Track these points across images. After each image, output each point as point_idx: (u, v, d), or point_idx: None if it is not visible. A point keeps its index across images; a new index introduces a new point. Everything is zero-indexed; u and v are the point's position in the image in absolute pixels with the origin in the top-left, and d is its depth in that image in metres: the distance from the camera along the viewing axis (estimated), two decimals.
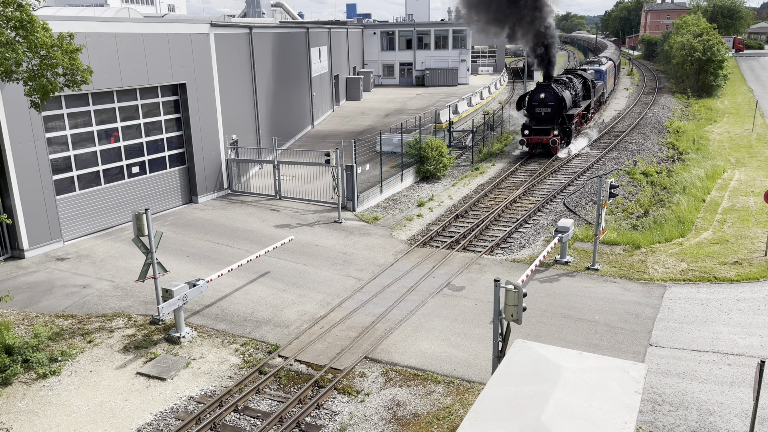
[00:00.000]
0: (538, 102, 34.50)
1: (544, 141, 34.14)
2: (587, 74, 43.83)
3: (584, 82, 41.60)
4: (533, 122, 34.72)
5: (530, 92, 35.41)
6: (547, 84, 34.99)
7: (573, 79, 39.26)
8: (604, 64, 54.66)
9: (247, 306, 16.62)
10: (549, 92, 34.26)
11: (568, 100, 35.12)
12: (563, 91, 34.95)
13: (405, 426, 11.71)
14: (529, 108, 35.04)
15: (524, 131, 34.71)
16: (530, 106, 34.86)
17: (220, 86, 26.56)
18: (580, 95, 39.70)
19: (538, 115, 34.51)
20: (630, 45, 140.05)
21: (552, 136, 34.01)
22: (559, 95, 34.14)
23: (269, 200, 26.41)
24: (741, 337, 14.42)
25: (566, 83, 37.28)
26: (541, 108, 34.44)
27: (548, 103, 34.17)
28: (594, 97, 44.29)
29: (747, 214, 23.52)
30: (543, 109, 34.36)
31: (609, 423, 7.57)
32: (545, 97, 34.28)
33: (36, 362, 13.51)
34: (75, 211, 21.49)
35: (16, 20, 12.92)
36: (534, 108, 34.68)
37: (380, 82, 76.67)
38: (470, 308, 16.27)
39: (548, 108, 34.17)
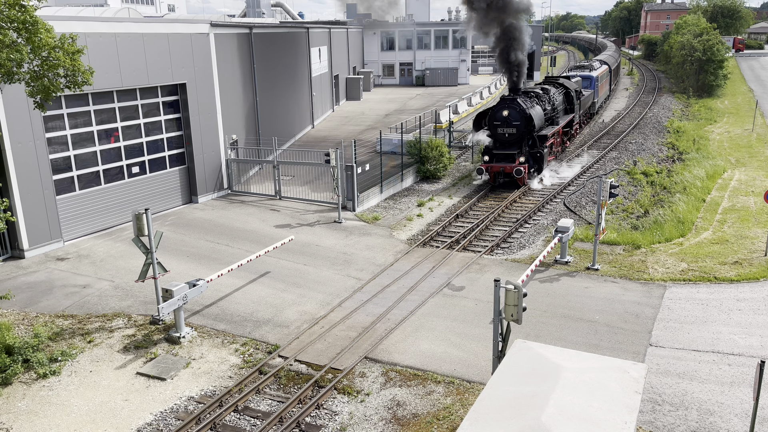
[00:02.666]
0: (500, 121, 27.89)
1: (507, 170, 27.56)
2: (571, 83, 37.34)
3: (566, 93, 35.64)
4: (497, 145, 28.53)
5: (492, 108, 28.76)
6: (512, 98, 28.30)
7: (550, 91, 33.01)
8: (596, 68, 48.64)
9: (247, 306, 16.62)
10: (514, 109, 27.72)
11: (537, 118, 28.64)
12: (532, 107, 28.55)
13: (405, 426, 11.71)
14: (491, 128, 28.54)
15: (485, 156, 28.45)
16: (492, 126, 28.36)
17: (220, 86, 26.56)
18: (559, 109, 33.64)
19: (501, 137, 28.16)
20: (630, 45, 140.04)
21: (517, 164, 27.68)
22: (527, 113, 27.70)
23: (269, 200, 26.41)
24: (741, 337, 14.42)
25: (539, 96, 31.07)
26: (504, 128, 27.91)
27: (513, 123, 27.67)
28: (580, 110, 38.70)
29: (747, 214, 23.52)
30: (506, 129, 27.86)
31: (609, 423, 7.57)
32: (509, 115, 27.70)
33: (36, 362, 13.51)
34: (75, 211, 21.49)
35: (19, 22, 12.92)
36: (496, 128, 28.15)
37: (380, 82, 76.68)
38: (470, 308, 16.27)
39: (513, 128, 27.70)
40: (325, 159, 24.55)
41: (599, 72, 47.78)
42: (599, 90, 47.78)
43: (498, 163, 28.21)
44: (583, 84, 42.50)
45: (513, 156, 28.00)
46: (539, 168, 29.16)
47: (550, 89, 32.97)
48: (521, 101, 28.05)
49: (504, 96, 29.15)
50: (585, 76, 44.02)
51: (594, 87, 44.55)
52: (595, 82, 44.84)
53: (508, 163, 28.00)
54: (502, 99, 28.70)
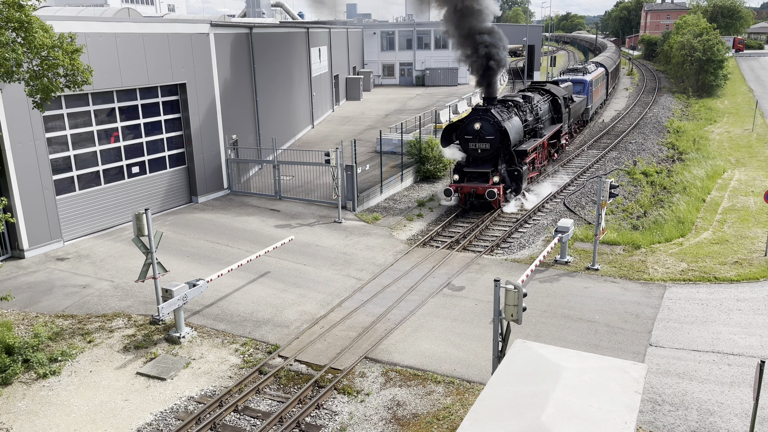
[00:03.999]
0: (472, 135, 24.62)
1: (479, 191, 24.14)
2: (559, 89, 33.91)
3: (553, 101, 32.30)
4: (469, 161, 25.38)
5: (463, 120, 25.36)
6: (485, 109, 24.82)
7: (533, 99, 29.77)
8: (591, 72, 45.53)
9: (247, 306, 16.62)
10: (487, 121, 24.33)
11: (515, 131, 25.37)
12: (508, 119, 25.29)
13: (405, 426, 11.71)
14: (462, 143, 25.24)
15: (455, 175, 25.14)
16: (463, 141, 25.06)
17: (220, 86, 26.57)
18: (544, 119, 30.41)
19: (473, 153, 24.98)
20: (630, 45, 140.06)
21: (490, 185, 24.19)
22: (501, 126, 24.32)
23: (269, 200, 26.41)
24: (741, 337, 14.42)
25: (518, 105, 27.66)
26: (476, 143, 24.65)
27: (486, 137, 24.41)
28: (570, 119, 35.30)
29: (747, 214, 23.52)
30: (479, 144, 24.59)
31: (609, 423, 7.57)
32: (482, 128, 24.36)
33: (36, 362, 13.51)
34: (75, 211, 21.49)
35: (15, 21, 12.92)
36: (467, 143, 24.89)
37: (380, 82, 76.67)
38: (470, 308, 16.27)
39: (486, 143, 24.47)
40: (325, 159, 24.55)
41: (594, 76, 44.96)
42: (593, 95, 44.60)
43: (469, 182, 24.70)
44: (575, 89, 39.95)
45: (487, 175, 24.51)
46: (517, 188, 25.64)
47: (533, 97, 29.94)
48: (496, 112, 24.69)
49: (476, 106, 25.75)
50: (577, 81, 41.34)
51: (587, 92, 41.68)
52: (588, 87, 41.96)
53: (481, 182, 24.47)
54: (474, 110, 25.30)
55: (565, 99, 33.60)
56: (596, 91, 46.13)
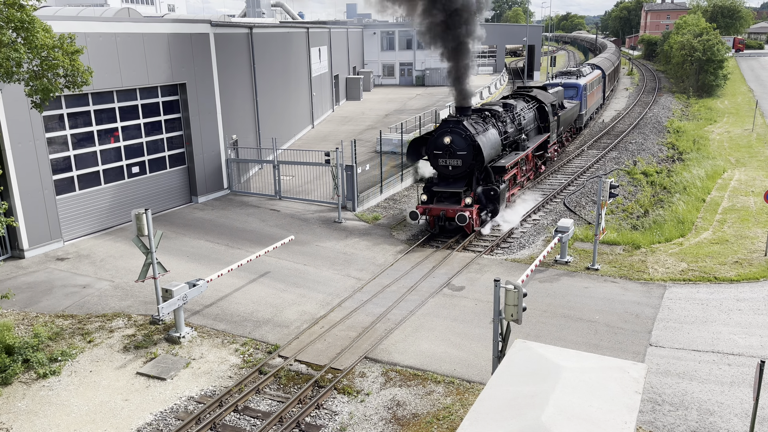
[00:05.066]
0: (441, 150, 21.59)
1: (449, 213, 21.27)
2: (547, 95, 30.88)
3: (539, 108, 29.14)
4: (440, 179, 22.52)
5: (432, 133, 22.51)
6: (456, 120, 21.71)
7: (515, 107, 26.66)
8: (585, 75, 42.48)
9: (247, 306, 16.62)
10: (458, 134, 21.30)
11: (490, 145, 22.11)
12: (483, 132, 22.16)
13: (405, 426, 11.71)
14: (431, 159, 22.23)
15: (423, 195, 22.22)
16: (432, 156, 22.05)
17: (220, 86, 26.57)
18: (529, 129, 27.44)
19: (443, 171, 22.06)
20: (630, 45, 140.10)
21: (462, 207, 21.32)
22: (474, 140, 21.23)
23: (269, 200, 26.41)
24: (741, 337, 14.42)
25: (497, 115, 24.48)
26: (446, 159, 21.65)
27: (457, 153, 21.39)
28: (559, 127, 31.92)
29: (747, 214, 23.52)
30: (450, 161, 21.62)
31: (609, 423, 7.57)
32: (452, 143, 21.36)
33: (36, 362, 13.51)
34: (75, 211, 21.49)
35: (17, 21, 12.92)
36: (437, 159, 21.85)
37: (380, 82, 76.67)
38: (470, 308, 16.27)
39: (457, 160, 21.51)
40: (325, 159, 24.55)
41: (589, 79, 42.04)
42: (588, 100, 41.31)
43: (439, 203, 21.86)
44: (567, 94, 37.18)
45: (458, 195, 21.69)
46: (494, 209, 22.59)
47: (515, 105, 26.88)
48: (468, 124, 21.58)
49: (447, 117, 22.60)
50: (570, 85, 38.50)
51: (581, 97, 38.65)
52: (582, 92, 38.77)
53: (452, 204, 21.63)
54: (444, 121, 22.13)
55: (553, 106, 30.51)
56: (591, 95, 43.14)
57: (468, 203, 21.39)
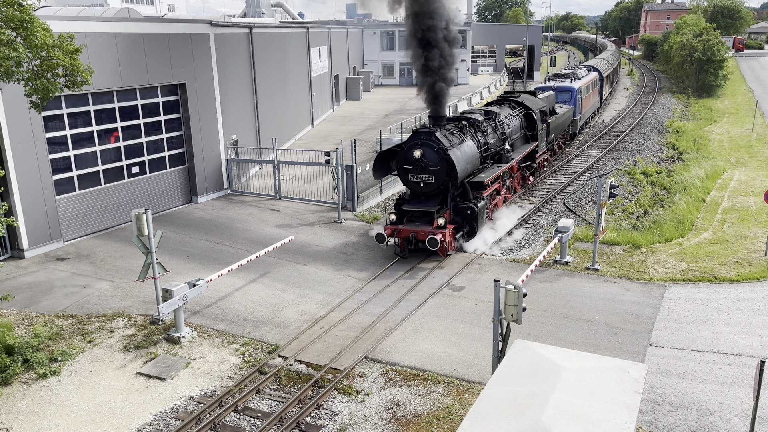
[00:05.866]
0: (412, 164, 19.59)
1: (420, 236, 19.24)
2: (535, 100, 28.50)
3: (526, 115, 27.03)
4: (411, 196, 20.53)
5: (402, 145, 20.33)
6: (428, 131, 19.59)
7: (499, 114, 24.48)
8: (581, 77, 40.42)
9: (247, 306, 16.62)
10: (430, 147, 19.28)
11: (466, 159, 19.98)
12: (458, 144, 19.99)
13: (405, 426, 11.71)
14: (400, 174, 20.15)
15: (391, 215, 20.09)
16: (402, 171, 20.00)
17: (220, 86, 26.57)
18: (515, 138, 25.51)
19: (414, 188, 20.03)
20: (630, 45, 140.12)
21: (434, 228, 19.34)
22: (447, 154, 19.15)
23: (269, 200, 26.41)
24: (741, 337, 14.42)
25: (476, 124, 22.26)
26: (417, 175, 19.64)
27: (429, 168, 19.38)
28: (549, 135, 29.61)
29: (747, 214, 23.52)
30: (421, 177, 19.60)
31: (609, 423, 7.57)
32: (423, 157, 19.34)
33: (36, 362, 13.51)
34: (75, 211, 21.49)
35: (16, 20, 12.92)
36: (407, 174, 19.86)
37: (380, 82, 76.67)
38: (470, 308, 16.26)
39: (429, 176, 19.49)
40: (325, 159, 24.55)
41: (584, 82, 39.78)
42: (583, 104, 39.05)
43: (409, 224, 19.83)
44: (560, 98, 35.41)
45: (431, 214, 19.68)
46: (471, 230, 20.42)
47: (498, 112, 24.62)
48: (441, 136, 19.48)
49: (418, 128, 20.40)
50: (563, 88, 36.47)
51: (575, 101, 36.52)
52: (576, 96, 36.65)
53: (425, 225, 19.64)
54: (415, 132, 19.94)
55: (542, 112, 28.26)
56: (587, 99, 41.06)
57: (441, 224, 19.36)
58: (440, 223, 19.38)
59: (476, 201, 20.60)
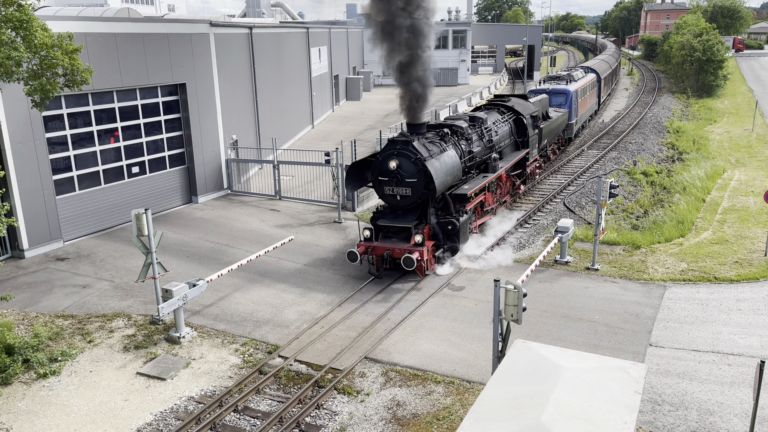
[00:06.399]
0: (387, 176, 18.16)
1: (396, 254, 17.74)
2: (526, 105, 26.79)
3: (516, 120, 25.46)
4: (388, 210, 19.10)
5: (377, 155, 18.91)
6: (404, 140, 18.08)
7: (485, 120, 22.78)
8: (577, 80, 38.81)
9: (247, 306, 16.62)
10: (406, 158, 17.86)
11: (445, 171, 18.42)
12: (438, 154, 18.50)
13: (405, 426, 11.71)
14: (375, 186, 18.73)
15: (365, 231, 18.67)
16: (377, 183, 18.57)
17: (220, 86, 26.57)
18: (503, 145, 23.83)
19: (390, 201, 18.65)
20: (630, 45, 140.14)
21: (411, 245, 17.83)
22: (425, 165, 17.71)
23: (269, 200, 26.41)
24: (741, 337, 14.42)
25: (460, 132, 20.72)
26: (393, 188, 18.22)
27: (406, 180, 17.93)
28: (541, 141, 27.91)
29: (747, 214, 23.52)
30: (397, 189, 18.18)
31: (609, 423, 7.57)
32: (399, 168, 17.91)
33: (36, 362, 13.51)
34: (75, 211, 21.49)
35: (15, 20, 12.93)
36: (382, 186, 18.46)
37: (380, 82, 76.66)
38: (470, 308, 16.26)
39: (406, 188, 18.04)
40: (325, 159, 24.55)
41: (580, 84, 38.10)
42: (579, 108, 37.37)
43: (385, 241, 18.30)
44: (555, 101, 33.94)
45: (409, 231, 18.17)
46: (453, 246, 18.97)
47: (485, 118, 22.97)
48: (419, 145, 18.02)
49: (395, 137, 18.82)
50: (558, 91, 34.87)
51: (570, 105, 34.83)
52: (571, 99, 34.99)
53: (401, 241, 18.09)
54: (391, 141, 18.44)
55: (533, 117, 26.58)
56: (583, 102, 39.28)
57: (418, 241, 17.87)
58: (417, 240, 17.92)
59: (459, 215, 19.10)
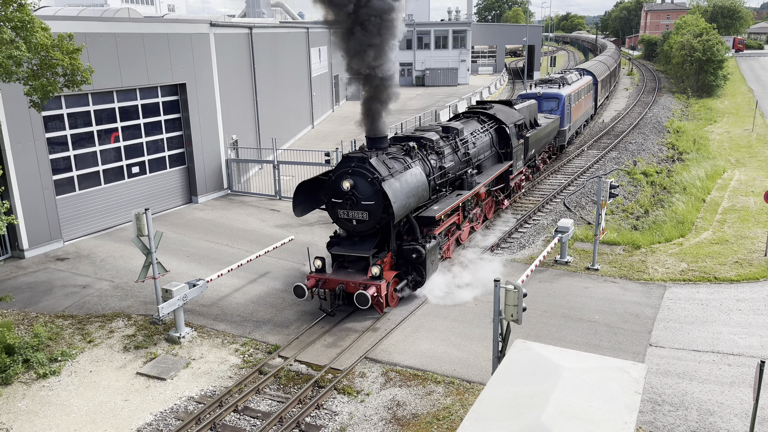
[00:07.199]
0: (341, 197, 15.64)
1: (350, 288, 15.30)
2: (510, 113, 24.32)
3: (498, 130, 23.00)
4: (345, 237, 16.63)
5: (330, 173, 16.25)
6: (361, 157, 15.57)
7: (461, 132, 20.29)
8: (571, 83, 36.20)
9: (247, 306, 16.62)
10: (362, 177, 15.34)
11: (405, 192, 15.66)
12: (400, 173, 15.93)
13: (405, 426, 11.71)
14: (329, 209, 16.13)
15: (316, 261, 16.02)
16: (330, 205, 16.02)
17: (220, 86, 26.57)
18: (482, 158, 21.45)
19: (346, 226, 16.15)
20: (630, 45, 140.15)
21: (368, 279, 15.35)
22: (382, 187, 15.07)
23: (269, 200, 26.40)
24: (741, 337, 14.42)
25: (429, 146, 18.33)
26: (348, 211, 15.70)
27: (362, 202, 15.40)
28: (527, 152, 25.38)
29: (747, 214, 23.52)
30: (353, 213, 15.66)
31: (609, 423, 7.57)
32: (354, 188, 15.40)
33: (36, 362, 13.51)
34: (75, 211, 21.49)
35: (17, 20, 12.94)
36: (335, 209, 15.92)
37: None
38: (470, 308, 16.26)
39: (363, 212, 15.51)
40: (325, 159, 24.54)
41: (574, 88, 35.66)
42: (572, 113, 34.70)
43: (338, 272, 15.97)
44: (546, 106, 31.76)
45: (367, 261, 15.75)
46: (417, 279, 16.51)
47: (460, 128, 20.41)
48: (378, 162, 15.54)
49: (350, 152, 16.49)
50: (549, 95, 32.36)
51: (563, 110, 32.21)
52: (564, 104, 32.35)
53: (359, 272, 15.77)
54: (345, 158, 15.91)
55: (518, 126, 24.15)
56: (577, 106, 36.47)
57: (375, 274, 15.26)
58: (374, 272, 15.25)
59: (426, 240, 16.59)
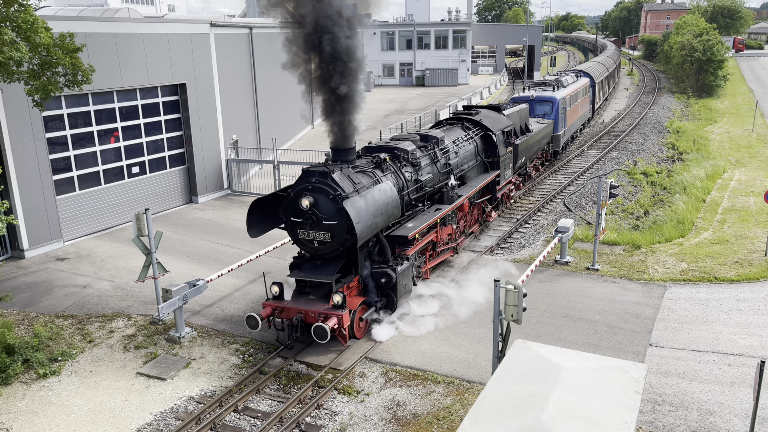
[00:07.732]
0: (300, 216, 13.97)
1: (310, 318, 13.66)
2: (498, 119, 22.62)
3: (484, 137, 21.27)
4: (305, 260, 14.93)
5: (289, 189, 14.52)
6: (322, 171, 13.98)
7: (441, 140, 18.52)
8: (567, 85, 34.39)
9: (248, 306, 16.62)
10: (323, 194, 13.73)
11: (371, 211, 13.91)
12: (364, 189, 14.26)
13: (405, 426, 11.71)
14: (288, 228, 14.48)
15: (273, 287, 14.28)
16: (289, 224, 14.36)
17: (220, 86, 26.56)
18: (465, 169, 19.81)
19: (307, 248, 14.48)
20: (630, 45, 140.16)
21: (329, 307, 13.66)
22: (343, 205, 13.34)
23: None
24: (741, 337, 14.42)
25: (403, 157, 16.56)
26: (308, 231, 14.02)
27: (323, 222, 13.76)
28: (517, 160, 23.96)
29: (747, 214, 23.53)
30: (314, 234, 13.99)
31: (609, 423, 7.57)
32: (314, 207, 13.77)
33: (36, 362, 13.51)
34: (75, 211, 21.49)
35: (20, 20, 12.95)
36: (295, 228, 14.20)
37: (380, 82, 76.68)
38: (470, 308, 16.25)
39: (324, 232, 13.85)
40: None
41: (569, 91, 33.89)
42: (567, 117, 32.90)
43: (298, 300, 14.32)
44: (538, 110, 30.20)
45: (329, 287, 14.03)
46: (389, 303, 15.02)
47: (441, 137, 18.67)
48: (341, 177, 13.98)
49: (311, 166, 14.37)
50: (543, 99, 30.71)
51: (557, 114, 30.56)
52: (558, 107, 30.64)
53: (321, 300, 14.11)
54: (305, 173, 14.19)
55: (507, 133, 22.45)
56: (573, 110, 34.51)
57: (337, 302, 13.55)
58: (336, 300, 13.53)
59: (398, 262, 14.96)
